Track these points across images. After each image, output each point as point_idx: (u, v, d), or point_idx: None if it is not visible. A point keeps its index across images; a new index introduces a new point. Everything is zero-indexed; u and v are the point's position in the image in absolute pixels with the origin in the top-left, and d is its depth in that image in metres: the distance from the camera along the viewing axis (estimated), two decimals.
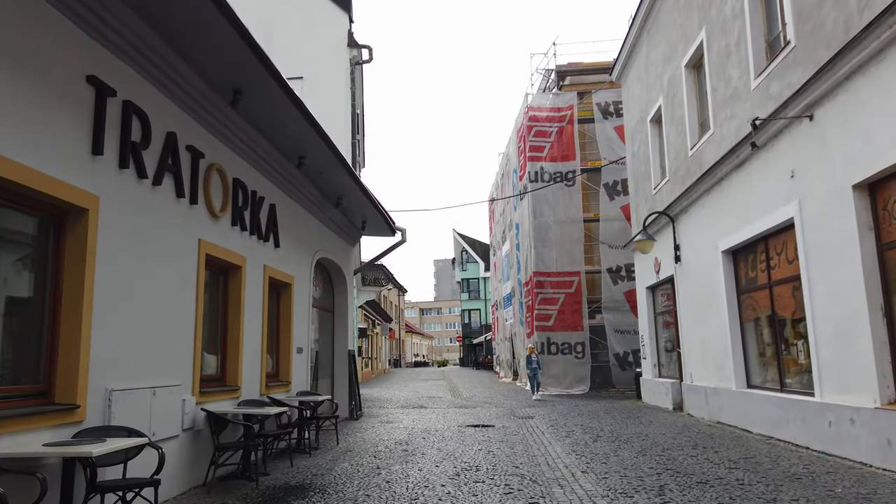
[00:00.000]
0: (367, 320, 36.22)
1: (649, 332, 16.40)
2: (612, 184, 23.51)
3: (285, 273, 9.57)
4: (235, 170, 7.74)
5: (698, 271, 12.27)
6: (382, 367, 48.04)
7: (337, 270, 13.40)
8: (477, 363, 54.53)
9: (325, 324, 13.35)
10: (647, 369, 16.67)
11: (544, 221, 23.67)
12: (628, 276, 23.03)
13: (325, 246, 11.94)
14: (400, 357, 68.36)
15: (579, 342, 22.74)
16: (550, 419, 13.21)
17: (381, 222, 13.38)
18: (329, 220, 11.98)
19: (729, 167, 10.37)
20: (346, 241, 13.73)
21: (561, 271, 23.29)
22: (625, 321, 22.77)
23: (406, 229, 14.39)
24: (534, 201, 23.86)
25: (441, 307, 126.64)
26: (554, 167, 23.82)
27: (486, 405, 17.33)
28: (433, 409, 16.53)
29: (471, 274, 62.05)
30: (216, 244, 7.18)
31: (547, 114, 24.46)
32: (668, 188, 14.13)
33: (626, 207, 23.23)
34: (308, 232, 10.88)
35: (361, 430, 11.58)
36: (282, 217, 9.37)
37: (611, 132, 23.66)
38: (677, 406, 14.08)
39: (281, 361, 9.68)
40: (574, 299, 23.06)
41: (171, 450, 5.88)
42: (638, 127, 16.61)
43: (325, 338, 13.32)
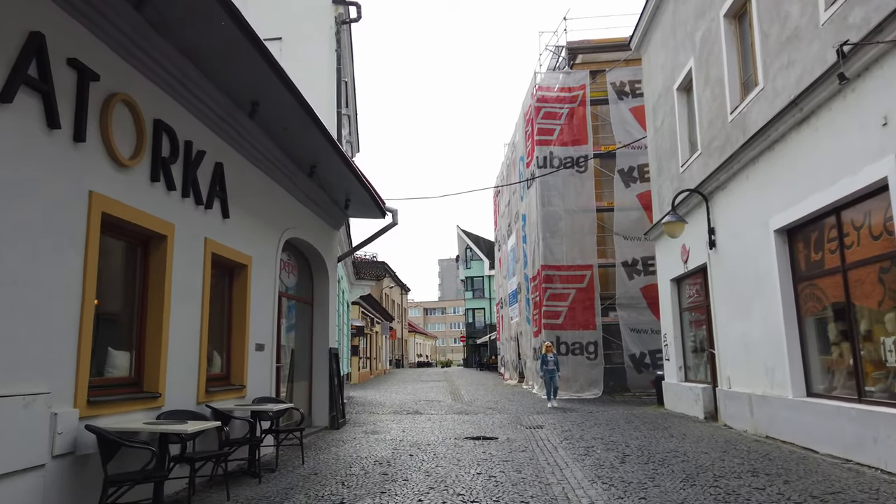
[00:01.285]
0: (364, 318, 34.38)
1: (673, 331, 14.47)
2: (627, 170, 21.59)
3: (239, 252, 7.71)
4: (157, 108, 5.89)
5: (740, 257, 10.36)
6: (383, 367, 46.20)
7: (316, 257, 11.55)
8: (481, 364, 52.63)
9: (302, 317, 11.50)
10: (671, 372, 14.75)
11: (553, 211, 21.76)
12: (645, 269, 21.12)
13: (297, 225, 10.08)
14: (402, 357, 66.52)
15: (591, 342, 20.83)
16: (563, 430, 11.33)
17: (368, 200, 11.52)
18: (303, 193, 10.11)
19: (787, 125, 8.46)
20: (328, 222, 11.87)
21: (571, 265, 21.38)
22: (641, 319, 20.86)
23: (397, 210, 12.55)
24: (542, 189, 21.95)
25: (445, 307, 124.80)
26: (564, 152, 21.90)
27: (488, 411, 15.45)
28: (429, 415, 14.66)
29: (475, 272, 60.14)
30: (122, 202, 5.33)
31: (557, 94, 22.55)
32: (699, 163, 12.22)
33: (644, 195, 21.35)
34: (273, 204, 9.02)
35: (338, 444, 9.71)
36: (233, 181, 7.52)
37: (626, 114, 21.75)
38: (710, 415, 12.16)
39: (233, 361, 7.83)
40: (586, 295, 21.15)
41: (27, 488, 4.04)
42: (662, 99, 14.70)
43: (302, 333, 11.47)
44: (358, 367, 32.06)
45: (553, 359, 16.67)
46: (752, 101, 9.67)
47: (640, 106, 21.68)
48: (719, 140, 11.12)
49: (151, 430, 5.17)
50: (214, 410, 6.64)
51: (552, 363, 16.63)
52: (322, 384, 11.59)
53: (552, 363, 16.63)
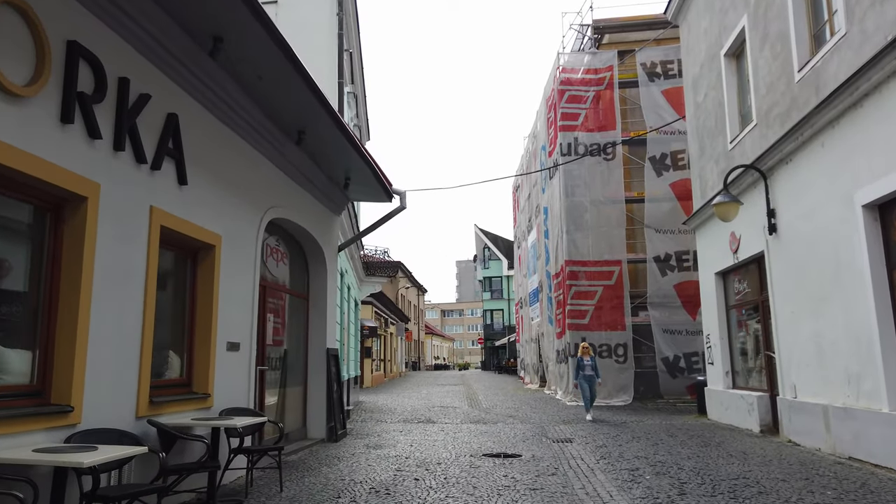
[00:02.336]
0: (378, 318, 32.92)
1: (719, 331, 12.78)
2: (659, 157, 19.89)
3: (203, 229, 6.23)
4: (70, 26, 4.42)
5: (812, 241, 8.69)
6: (398, 370, 44.73)
7: (312, 244, 10.07)
8: (499, 367, 50.95)
9: (296, 313, 10.02)
10: (716, 378, 13.06)
11: (578, 202, 20.11)
12: (679, 265, 19.41)
13: (286, 203, 8.59)
14: (419, 360, 65.04)
15: (620, 344, 19.15)
16: (597, 445, 9.72)
17: (370, 179, 10.01)
18: (292, 167, 8.62)
19: (883, 73, 6.81)
20: (326, 205, 10.39)
21: (598, 260, 19.71)
22: (675, 319, 19.16)
23: (405, 192, 11.01)
24: (566, 178, 20.31)
25: (463, 308, 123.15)
26: (590, 138, 20.25)
27: (509, 420, 13.86)
28: (442, 424, 13.11)
29: (493, 272, 58.51)
30: (13, 145, 3.86)
31: (582, 76, 20.91)
32: (754, 137, 10.56)
33: (677, 185, 19.66)
34: (252, 176, 7.54)
35: (332, 463, 8.19)
36: (194, 140, 6.05)
37: (658, 97, 20.05)
38: (767, 428, 10.48)
39: (196, 363, 6.34)
40: (614, 293, 19.47)
41: None
42: (705, 70, 13.03)
43: (296, 332, 9.99)
44: (371, 369, 30.61)
45: (591, 363, 13.95)
46: (830, 52, 8.01)
47: (674, 88, 20.03)
48: (782, 105, 9.45)
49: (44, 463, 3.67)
50: (160, 428, 5.15)
51: (590, 368, 13.90)
52: (318, 390, 10.09)
53: (590, 368, 13.90)
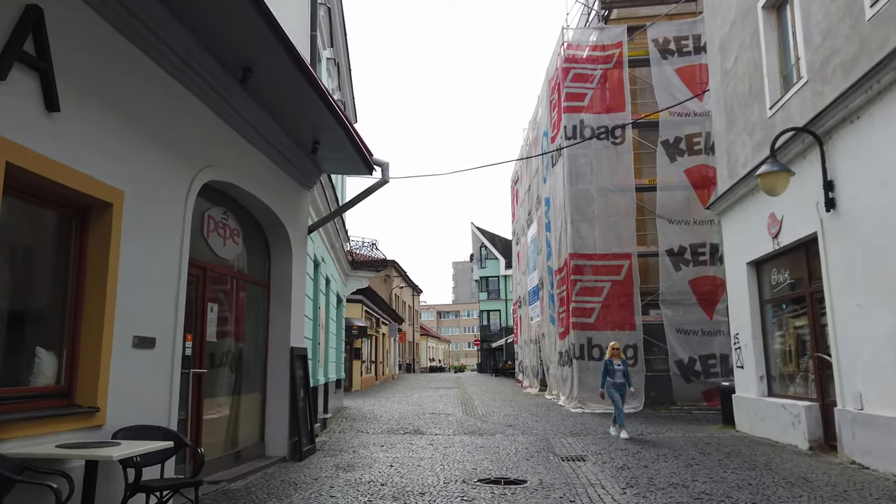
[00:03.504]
0: (368, 317, 31.15)
1: (752, 329, 11.06)
2: (672, 141, 18.20)
3: (90, 178, 4.48)
4: None
5: (890, 215, 6.98)
6: (391, 372, 42.95)
7: (273, 222, 8.33)
8: (496, 369, 49.19)
9: (252, 305, 8.28)
10: (747, 383, 11.34)
11: (584, 190, 18.40)
12: (695, 259, 17.72)
13: (230, 164, 6.85)
14: (413, 362, 63.29)
15: (630, 345, 17.40)
16: (617, 465, 8.00)
17: (344, 144, 8.26)
18: (239, 117, 6.86)
19: None
20: (291, 174, 8.65)
21: (606, 253, 18.00)
22: (689, 318, 17.47)
23: (388, 164, 9.28)
24: (571, 164, 18.61)
25: (459, 310, 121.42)
26: (597, 120, 18.55)
27: (508, 430, 12.14)
28: (432, 435, 11.38)
29: (490, 272, 56.77)
30: None
31: (588, 53, 19.23)
32: (804, 96, 8.85)
33: (693, 171, 18.00)
34: (176, 119, 5.77)
35: (283, 495, 6.41)
36: (77, 53, 4.33)
37: (672, 76, 18.36)
38: (818, 445, 8.77)
39: (81, 365, 4.58)
40: (623, 289, 17.75)
41: None
42: (736, 30, 11.32)
43: (251, 327, 8.24)
44: (360, 371, 28.85)
45: (622, 367, 11.27)
46: None
47: (689, 66, 18.38)
48: (845, 53, 7.74)
49: None
50: None
51: (621, 374, 11.20)
52: (280, 398, 8.34)
53: (621, 374, 11.20)
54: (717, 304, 17.43)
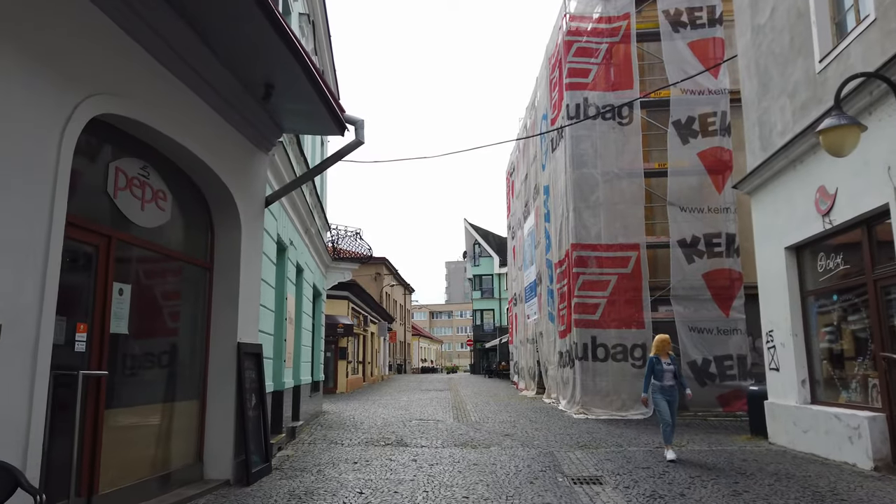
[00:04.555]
0: (355, 316, 29.46)
1: (791, 325, 9.46)
2: (685, 121, 16.62)
3: None
4: None
5: None
6: (380, 373, 41.24)
7: (217, 188, 6.66)
8: (490, 370, 47.52)
9: (190, 289, 6.61)
10: (784, 388, 9.73)
11: (588, 174, 16.78)
12: (709, 250, 16.15)
13: (144, 99, 5.17)
14: (405, 362, 61.61)
15: (638, 344, 15.82)
16: (645, 492, 6.37)
17: (307, 92, 6.58)
18: (159, 39, 5.19)
19: None
20: (240, 129, 6.98)
21: (612, 244, 16.39)
22: (703, 315, 15.90)
23: (363, 122, 7.62)
24: (574, 146, 16.99)
25: (452, 310, 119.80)
26: (602, 98, 16.95)
27: (505, 440, 10.50)
28: (417, 447, 9.73)
29: (484, 270, 55.11)
30: None
31: (593, 25, 17.61)
32: (870, 39, 7.26)
33: (707, 154, 16.43)
34: (61, 26, 4.10)
35: None
36: None
37: (684, 50, 16.78)
38: (885, 464, 7.18)
39: None
40: (630, 283, 16.15)
41: None
42: None
43: (188, 318, 6.56)
44: (346, 372, 27.15)
45: (674, 367, 8.82)
46: None
47: (702, 40, 16.80)
48: None
49: None
50: None
51: (671, 375, 8.71)
52: (223, 406, 6.67)
53: (671, 375, 8.71)
54: (734, 300, 15.87)
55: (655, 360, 8.88)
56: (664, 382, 8.74)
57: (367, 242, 17.39)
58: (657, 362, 8.84)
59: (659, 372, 8.78)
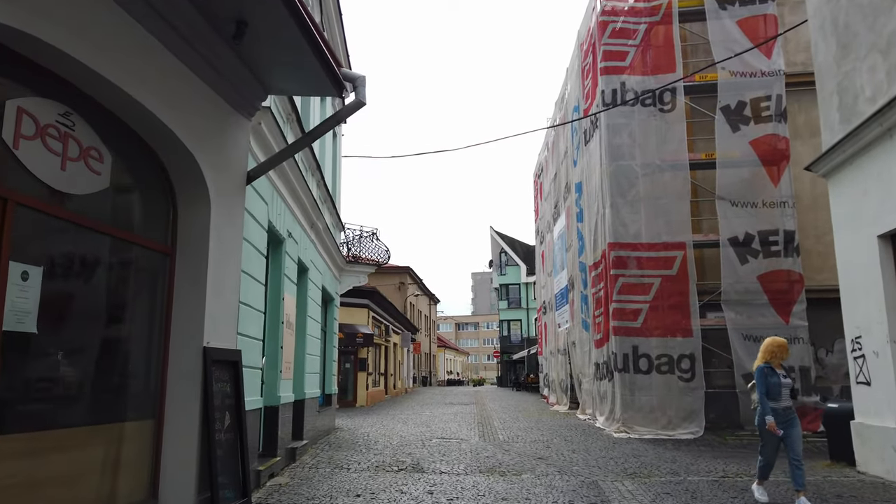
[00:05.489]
0: (376, 325, 28.09)
1: (888, 330, 7.79)
2: (734, 107, 14.99)
3: None
4: None
5: None
6: (403, 385, 39.78)
7: (178, 153, 5.30)
8: (518, 383, 45.75)
9: (143, 279, 5.24)
10: (879, 407, 8.04)
11: (626, 167, 15.22)
12: (765, 249, 14.46)
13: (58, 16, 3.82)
14: (430, 374, 60.07)
15: (685, 354, 14.16)
16: None
17: (294, 40, 5.20)
18: None
19: None
20: (212, 85, 5.63)
21: (654, 242, 14.78)
22: (759, 322, 14.21)
23: (364, 78, 6.23)
24: (610, 136, 15.45)
25: (478, 321, 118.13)
26: (641, 83, 15.39)
27: (538, 466, 8.95)
28: (436, 475, 8.25)
29: (511, 279, 53.48)
30: None
31: (631, 4, 16.11)
32: None
33: (761, 142, 14.77)
34: None
35: None
36: None
37: (732, 30, 15.19)
38: None
39: None
40: (675, 286, 14.50)
41: None
42: None
43: (141, 315, 5.19)
44: (366, 384, 25.75)
45: (787, 381, 6.60)
46: None
47: (753, 17, 15.19)
48: None
49: None
50: None
51: (788, 390, 6.53)
52: (184, 427, 5.26)
53: (788, 390, 6.53)
54: (794, 306, 14.15)
55: (768, 370, 6.50)
56: (780, 403, 6.41)
57: (384, 244, 16.02)
58: (770, 373, 6.48)
59: (774, 387, 6.40)
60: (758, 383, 6.51)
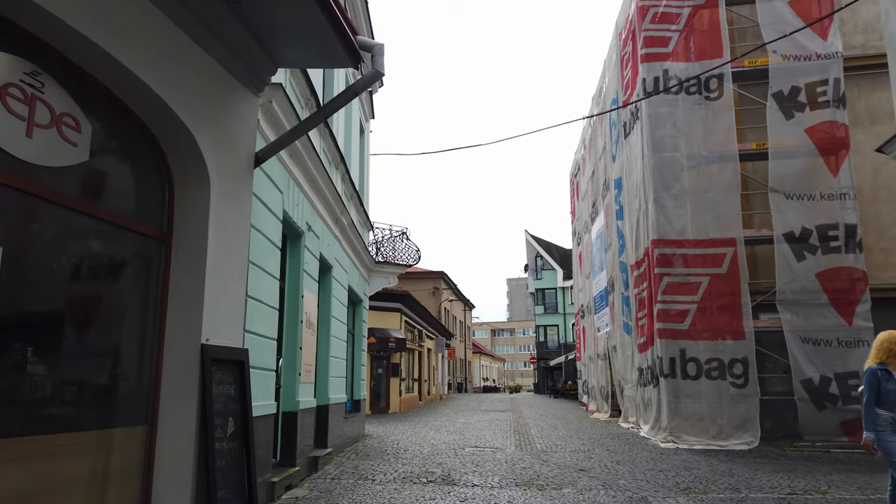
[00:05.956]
0: (409, 330, 27.49)
1: None
2: (788, 93, 13.98)
3: None
4: None
5: None
6: (438, 392, 39.09)
7: (178, 132, 4.73)
8: (555, 390, 44.63)
9: (133, 268, 4.67)
10: None
11: (670, 159, 14.32)
12: (823, 245, 13.40)
13: None
14: (465, 381, 59.27)
15: (737, 359, 13.16)
16: None
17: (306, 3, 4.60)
18: None
19: None
20: (214, 54, 5.04)
21: (701, 239, 13.84)
22: (819, 323, 13.14)
23: (382, 45, 5.61)
24: (652, 127, 14.57)
25: (514, 328, 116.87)
26: (686, 70, 14.49)
27: (580, 479, 8.14)
28: (467, 488, 7.53)
29: (547, 283, 52.39)
30: None
31: None
32: None
33: (817, 129, 13.72)
34: None
35: None
36: None
37: (784, 10, 14.22)
38: None
39: None
40: (726, 286, 13.53)
41: None
42: None
43: (131, 309, 4.62)
44: (399, 390, 25.13)
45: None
46: None
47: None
48: None
49: None
50: None
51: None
52: (180, 436, 4.66)
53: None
54: (858, 305, 13.04)
55: (882, 373, 5.42)
56: None
57: (414, 244, 15.38)
58: (886, 378, 5.40)
59: (889, 394, 5.34)
60: (866, 388, 5.51)
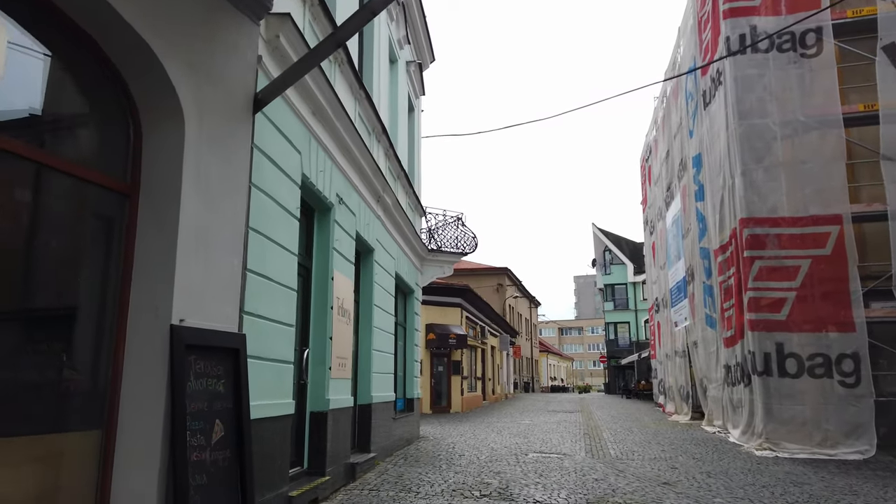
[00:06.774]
0: (470, 326, 26.28)
1: None
2: None
3: None
4: None
5: None
6: (503, 391, 37.70)
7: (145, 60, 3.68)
8: (627, 390, 42.43)
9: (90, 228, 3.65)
10: None
11: (761, 126, 12.55)
12: None
13: None
14: (532, 380, 57.55)
15: (846, 354, 11.30)
16: None
17: None
18: None
19: None
20: None
21: (799, 216, 12.02)
22: None
23: None
24: (739, 92, 12.82)
25: (582, 326, 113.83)
26: (776, 24, 12.67)
27: (665, 493, 6.70)
28: (529, 503, 6.25)
29: (616, 279, 50.03)
30: None
31: None
32: None
33: None
34: None
35: None
36: None
37: None
38: None
39: None
40: (830, 270, 11.68)
41: None
42: None
43: (80, 278, 3.59)
44: (461, 389, 23.96)
45: None
46: None
47: None
48: None
49: None
50: None
51: None
52: (145, 441, 3.59)
53: None
54: None
55: None
56: None
57: (470, 230, 14.12)
58: None
59: None
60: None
